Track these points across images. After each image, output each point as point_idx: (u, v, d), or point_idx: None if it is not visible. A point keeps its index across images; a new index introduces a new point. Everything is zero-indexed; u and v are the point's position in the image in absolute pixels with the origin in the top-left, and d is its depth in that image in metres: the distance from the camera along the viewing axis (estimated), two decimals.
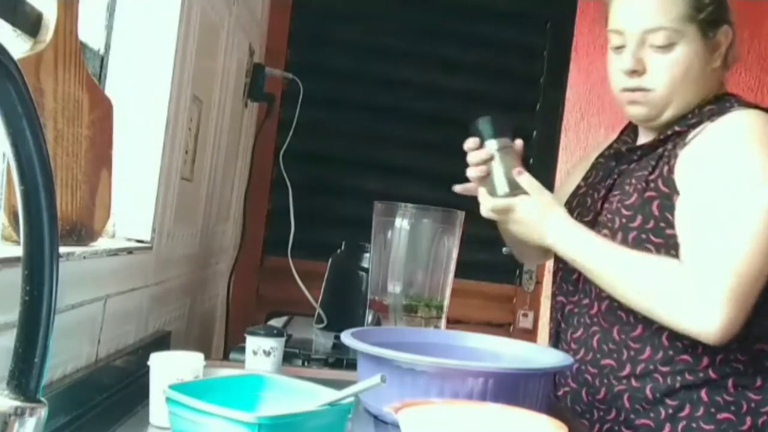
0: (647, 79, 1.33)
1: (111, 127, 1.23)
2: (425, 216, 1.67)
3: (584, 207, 1.46)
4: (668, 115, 1.35)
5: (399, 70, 2.67)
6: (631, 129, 1.50)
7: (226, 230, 2.21)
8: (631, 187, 1.36)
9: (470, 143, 1.36)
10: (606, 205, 1.40)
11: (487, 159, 1.35)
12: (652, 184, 1.33)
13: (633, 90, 1.34)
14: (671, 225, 1.29)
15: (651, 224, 1.30)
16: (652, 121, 1.37)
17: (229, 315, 2.25)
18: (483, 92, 2.68)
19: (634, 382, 1.33)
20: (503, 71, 2.73)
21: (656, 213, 1.30)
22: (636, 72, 1.33)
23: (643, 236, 1.31)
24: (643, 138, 1.44)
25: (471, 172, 1.37)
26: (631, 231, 1.32)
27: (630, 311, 1.31)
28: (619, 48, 1.35)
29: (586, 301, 1.40)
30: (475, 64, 2.70)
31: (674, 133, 1.35)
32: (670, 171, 1.31)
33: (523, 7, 2.75)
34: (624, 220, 1.34)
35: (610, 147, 1.54)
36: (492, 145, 1.35)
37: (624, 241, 1.31)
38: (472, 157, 1.36)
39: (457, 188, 1.42)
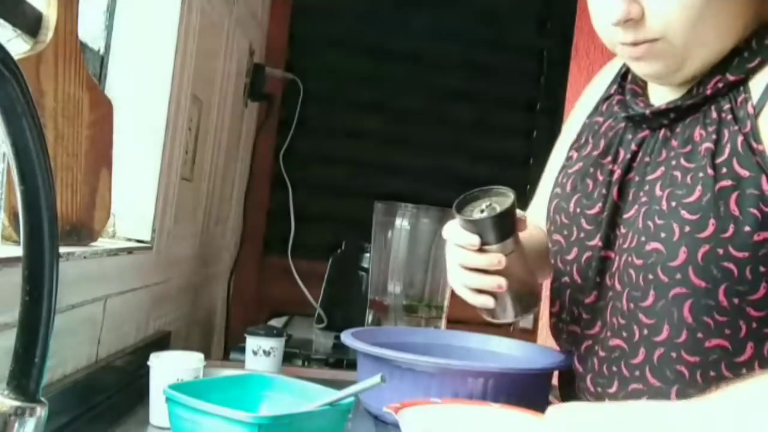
0: (649, 25, 0.91)
1: (111, 127, 1.23)
2: (425, 216, 1.68)
3: (585, 193, 1.06)
4: (695, 65, 0.95)
5: (399, 70, 2.67)
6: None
7: (226, 230, 2.21)
8: (686, 174, 0.93)
9: (471, 240, 0.97)
10: (635, 197, 0.99)
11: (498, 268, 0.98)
12: (723, 169, 0.90)
13: (633, 44, 0.94)
14: (762, 226, 0.88)
15: (731, 231, 0.88)
16: (672, 77, 0.97)
17: (229, 315, 2.25)
18: (483, 92, 2.68)
19: None
20: (503, 71, 2.73)
21: (736, 212, 0.88)
22: (630, 21, 0.91)
23: (720, 251, 0.89)
24: (662, 91, 1.02)
25: (484, 282, 0.99)
26: (701, 245, 0.89)
27: (697, 362, 0.92)
28: None
29: (615, 341, 0.98)
30: (475, 64, 2.70)
31: (727, 84, 0.94)
32: (749, 142, 0.90)
33: (524, 7, 2.75)
34: (688, 229, 0.90)
35: (607, 100, 1.12)
36: (500, 249, 0.98)
37: (691, 262, 0.90)
38: (479, 261, 0.98)
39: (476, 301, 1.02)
